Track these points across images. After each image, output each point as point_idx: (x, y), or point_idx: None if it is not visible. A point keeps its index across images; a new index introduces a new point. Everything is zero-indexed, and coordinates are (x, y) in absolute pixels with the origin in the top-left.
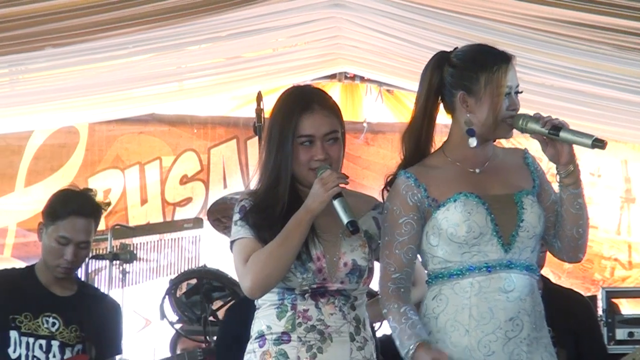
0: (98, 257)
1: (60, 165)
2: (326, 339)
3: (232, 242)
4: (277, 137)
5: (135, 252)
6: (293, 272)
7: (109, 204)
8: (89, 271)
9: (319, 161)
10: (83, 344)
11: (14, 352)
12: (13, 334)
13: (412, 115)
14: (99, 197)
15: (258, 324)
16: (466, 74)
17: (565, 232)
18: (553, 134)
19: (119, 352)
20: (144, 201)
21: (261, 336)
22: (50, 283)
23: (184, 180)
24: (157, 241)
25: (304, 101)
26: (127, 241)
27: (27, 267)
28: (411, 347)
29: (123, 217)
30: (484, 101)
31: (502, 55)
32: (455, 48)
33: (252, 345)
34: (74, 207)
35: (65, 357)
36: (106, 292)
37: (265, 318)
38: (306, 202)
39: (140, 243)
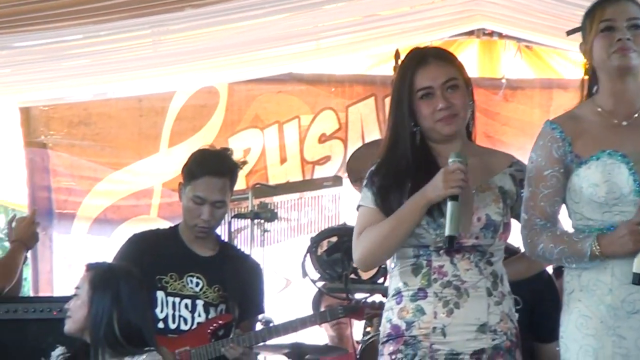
0: (239, 216)
1: (201, 125)
2: (462, 294)
3: (357, 208)
4: (396, 96)
5: (275, 210)
6: (426, 228)
7: (245, 162)
8: (232, 230)
9: (441, 110)
10: (226, 304)
11: (161, 312)
12: (160, 294)
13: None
14: (238, 156)
15: (394, 281)
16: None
17: None
18: None
19: (262, 311)
20: (283, 160)
21: (398, 293)
22: (192, 243)
23: (323, 138)
24: (297, 200)
25: (418, 56)
26: (267, 200)
27: (170, 227)
28: (592, 243)
29: (263, 176)
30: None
31: None
32: None
33: (389, 303)
34: (208, 167)
35: (209, 316)
36: (248, 251)
37: (402, 275)
38: (426, 187)
39: (281, 202)
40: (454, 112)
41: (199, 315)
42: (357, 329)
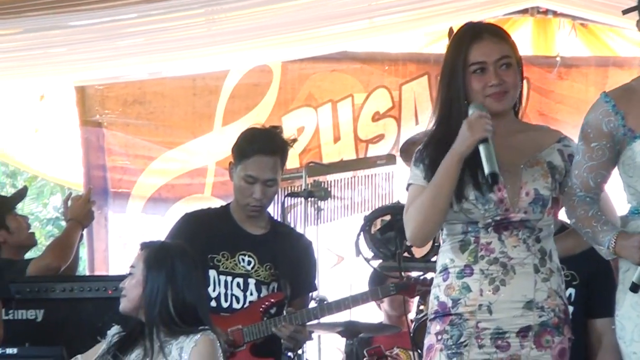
0: (293, 194)
1: (255, 104)
2: (509, 271)
3: (407, 187)
4: (449, 70)
5: (329, 189)
6: (474, 204)
7: (295, 140)
8: (285, 208)
9: (493, 87)
10: (278, 282)
11: (214, 291)
12: (212, 273)
13: None
14: (288, 134)
15: (442, 258)
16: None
17: None
18: None
19: (314, 289)
20: (336, 139)
21: (445, 270)
22: (244, 222)
23: (376, 117)
24: (351, 178)
25: (473, 31)
26: (321, 178)
27: (222, 206)
28: (611, 240)
29: (316, 154)
30: None
31: None
32: None
33: (437, 279)
34: (258, 145)
35: (261, 295)
36: (301, 229)
37: (449, 252)
38: (454, 145)
39: (334, 180)
40: (505, 90)
41: (251, 294)
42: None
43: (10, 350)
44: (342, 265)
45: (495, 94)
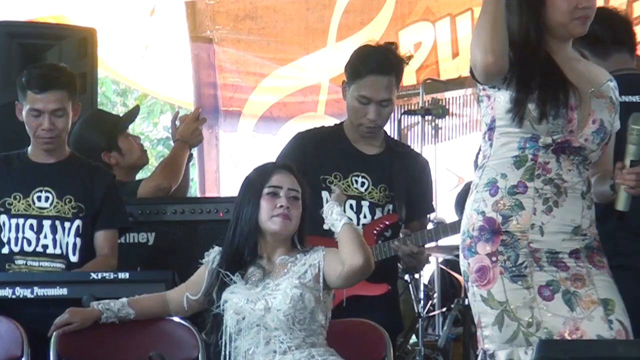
0: (410, 112)
1: (370, 18)
2: (562, 194)
3: None
4: None
5: (447, 106)
6: (546, 113)
7: (411, 57)
8: (401, 127)
9: (584, 9)
10: (393, 204)
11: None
12: (324, 195)
13: None
14: (404, 51)
15: (489, 172)
16: None
17: None
18: None
19: (431, 210)
20: (455, 54)
21: (493, 184)
22: (358, 141)
23: None
24: (469, 95)
25: None
26: (438, 96)
27: (335, 125)
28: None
29: (434, 71)
30: None
31: None
32: None
33: (480, 194)
34: (372, 65)
35: (375, 217)
36: (418, 149)
37: (499, 167)
38: None
39: (452, 97)
40: (590, 15)
41: (365, 217)
42: None
43: (122, 275)
44: (461, 185)
45: (582, 18)
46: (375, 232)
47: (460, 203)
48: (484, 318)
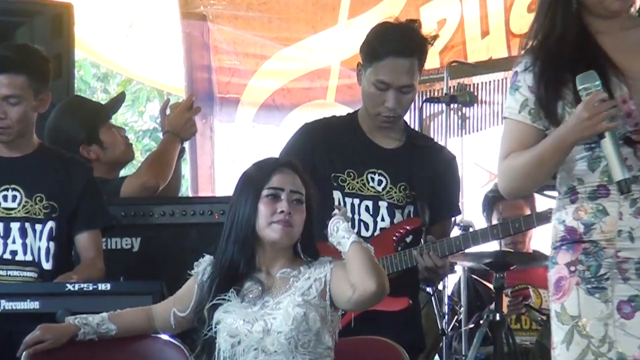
0: (432, 100)
1: None
2: None
3: (502, 118)
4: None
5: (475, 93)
6: None
7: (436, 37)
8: (423, 117)
9: None
10: (414, 205)
11: None
12: (336, 195)
13: None
14: (428, 30)
15: (565, 178)
16: None
17: None
18: None
19: (457, 212)
20: (484, 33)
21: (572, 190)
22: (374, 133)
23: (533, 6)
24: (501, 80)
25: None
26: (465, 81)
27: (348, 114)
28: None
29: (460, 52)
30: None
31: None
32: None
33: (561, 201)
34: (392, 45)
35: (394, 220)
36: (443, 142)
37: (574, 170)
38: (568, 124)
39: (482, 83)
40: None
41: (382, 220)
42: None
43: (103, 286)
44: (492, 183)
45: None
46: (395, 238)
47: (489, 204)
48: (555, 337)
